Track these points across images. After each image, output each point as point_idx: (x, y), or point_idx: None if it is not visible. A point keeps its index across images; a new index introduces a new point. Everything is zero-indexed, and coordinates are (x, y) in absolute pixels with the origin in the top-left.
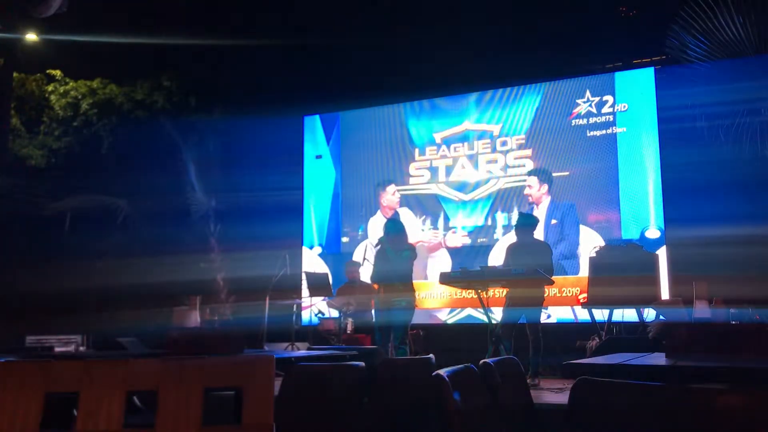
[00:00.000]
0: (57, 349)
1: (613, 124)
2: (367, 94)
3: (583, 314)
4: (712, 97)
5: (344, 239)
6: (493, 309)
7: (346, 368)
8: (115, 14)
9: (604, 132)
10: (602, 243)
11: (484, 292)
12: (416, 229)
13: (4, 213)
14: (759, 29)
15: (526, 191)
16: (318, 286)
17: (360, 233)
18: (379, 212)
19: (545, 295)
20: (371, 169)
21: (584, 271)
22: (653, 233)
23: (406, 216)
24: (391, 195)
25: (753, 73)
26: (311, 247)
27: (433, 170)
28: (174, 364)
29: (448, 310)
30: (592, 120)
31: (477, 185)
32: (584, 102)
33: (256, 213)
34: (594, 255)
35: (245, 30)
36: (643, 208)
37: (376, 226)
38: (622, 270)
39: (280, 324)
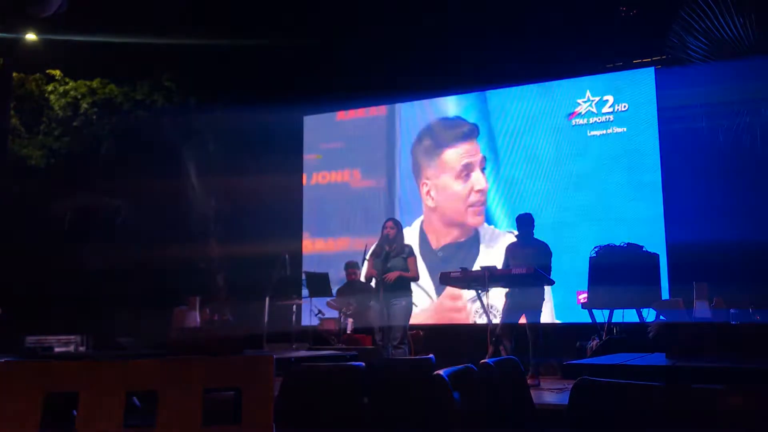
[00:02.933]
0: (57, 349)
1: (613, 124)
2: (367, 94)
3: (583, 315)
4: (713, 97)
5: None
6: (493, 309)
7: (346, 368)
8: (115, 14)
9: (604, 132)
10: (602, 243)
11: (485, 293)
12: None
13: (4, 213)
14: (759, 29)
15: (526, 191)
16: (318, 286)
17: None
18: None
19: (545, 296)
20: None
21: (585, 271)
22: (653, 233)
23: None
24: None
25: (753, 73)
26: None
27: None
28: (174, 364)
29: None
30: (592, 120)
31: (476, 185)
32: (584, 102)
33: (256, 213)
34: (594, 255)
35: (245, 30)
36: (643, 208)
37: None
38: (622, 270)
39: (280, 324)
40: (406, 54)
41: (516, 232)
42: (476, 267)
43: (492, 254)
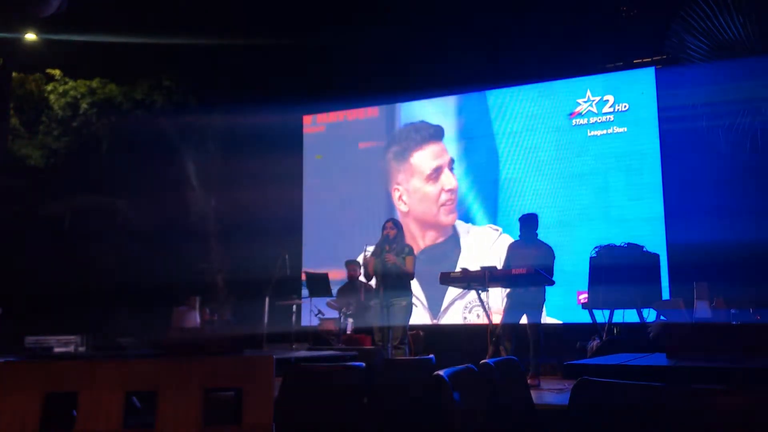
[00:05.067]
0: (57, 349)
1: (613, 124)
2: (367, 94)
3: (583, 315)
4: (712, 97)
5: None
6: (494, 309)
7: (346, 369)
8: (114, 14)
9: (604, 132)
10: (602, 243)
11: (485, 293)
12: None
13: (4, 213)
14: (759, 29)
15: (526, 191)
16: (318, 286)
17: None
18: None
19: (546, 296)
20: (371, 169)
21: (585, 271)
22: (653, 233)
23: None
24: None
25: (753, 73)
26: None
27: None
28: (174, 364)
29: (448, 310)
30: (592, 120)
31: (477, 185)
32: (584, 102)
33: (256, 213)
34: (594, 255)
35: (245, 30)
36: (644, 208)
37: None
38: (622, 270)
39: (280, 324)
40: (406, 54)
41: (498, 228)
42: (458, 265)
43: (474, 250)
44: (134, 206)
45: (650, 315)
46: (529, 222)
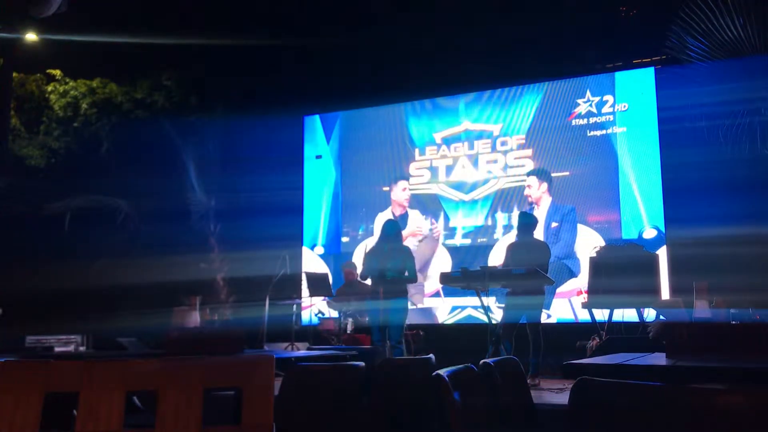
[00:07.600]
0: (57, 349)
1: (613, 124)
2: (367, 94)
3: (583, 314)
4: (712, 97)
5: (344, 239)
6: (493, 309)
7: (346, 368)
8: (115, 14)
9: (604, 132)
10: (602, 243)
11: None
12: (424, 229)
13: (4, 213)
14: (759, 29)
15: (526, 191)
16: (318, 286)
17: (360, 233)
18: (389, 209)
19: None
20: (371, 169)
21: (585, 271)
22: (653, 233)
23: (415, 216)
24: (401, 191)
25: (753, 73)
26: (312, 247)
27: (433, 170)
28: (174, 364)
29: (449, 309)
30: (592, 120)
31: (477, 185)
32: (584, 102)
33: (256, 213)
34: (594, 255)
35: (245, 30)
36: (643, 208)
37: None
38: (622, 270)
39: (280, 324)
40: (406, 54)
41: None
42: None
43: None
44: (134, 206)
45: (650, 314)
46: (526, 221)
